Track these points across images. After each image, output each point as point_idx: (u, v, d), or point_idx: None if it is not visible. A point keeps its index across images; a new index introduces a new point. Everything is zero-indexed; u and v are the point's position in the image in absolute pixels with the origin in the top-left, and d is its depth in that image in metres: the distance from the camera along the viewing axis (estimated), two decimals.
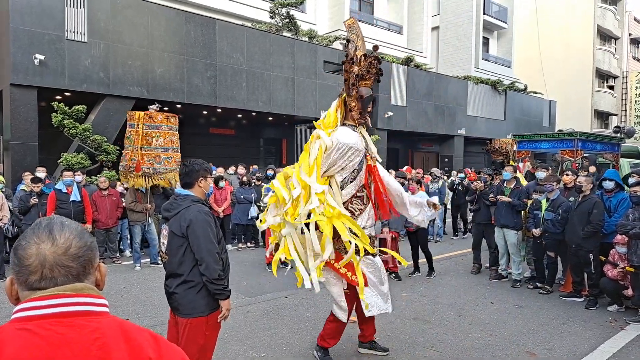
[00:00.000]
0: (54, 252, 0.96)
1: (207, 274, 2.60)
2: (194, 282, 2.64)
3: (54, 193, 6.57)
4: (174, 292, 2.68)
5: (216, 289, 2.64)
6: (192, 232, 2.60)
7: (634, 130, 17.42)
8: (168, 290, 2.74)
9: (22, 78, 9.24)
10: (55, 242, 0.97)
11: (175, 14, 11.62)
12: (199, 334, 2.66)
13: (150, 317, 4.99)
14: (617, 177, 5.91)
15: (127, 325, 0.97)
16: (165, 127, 7.14)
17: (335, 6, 20.23)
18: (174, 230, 2.66)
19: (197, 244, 2.60)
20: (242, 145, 16.59)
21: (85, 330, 0.91)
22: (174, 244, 2.66)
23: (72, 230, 1.00)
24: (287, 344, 4.24)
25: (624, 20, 33.63)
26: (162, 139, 7.08)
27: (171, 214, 2.71)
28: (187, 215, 2.63)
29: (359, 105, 3.72)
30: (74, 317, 0.92)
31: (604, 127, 32.72)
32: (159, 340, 0.99)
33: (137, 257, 7.22)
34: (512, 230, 6.41)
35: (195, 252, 2.62)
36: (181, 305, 2.67)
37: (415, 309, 5.35)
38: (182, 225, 2.62)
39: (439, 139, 20.86)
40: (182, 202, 2.72)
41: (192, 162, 2.83)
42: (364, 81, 3.71)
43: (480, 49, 25.78)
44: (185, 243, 2.63)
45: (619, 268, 5.27)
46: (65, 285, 0.95)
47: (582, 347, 4.31)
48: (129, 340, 0.94)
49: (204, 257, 2.61)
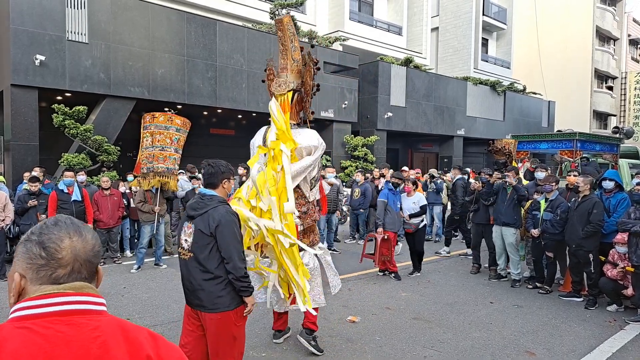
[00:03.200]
0: (84, 248, 0.99)
1: (233, 272, 2.72)
2: (221, 278, 2.73)
3: (55, 193, 6.58)
4: (200, 289, 2.74)
5: (241, 286, 2.76)
6: (220, 232, 2.70)
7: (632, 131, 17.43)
8: (191, 287, 2.78)
9: (23, 78, 9.25)
10: (84, 238, 0.99)
11: (175, 15, 11.64)
12: (230, 326, 2.77)
13: (150, 317, 5.01)
14: (617, 177, 5.93)
15: (126, 324, 0.98)
16: (171, 128, 7.15)
17: (335, 7, 20.27)
18: (201, 229, 2.72)
19: (225, 243, 2.71)
20: (242, 145, 16.59)
21: (86, 328, 0.91)
22: (201, 243, 2.73)
23: (89, 231, 1.03)
24: (287, 344, 4.25)
25: (623, 21, 33.69)
26: (160, 138, 7.11)
27: (198, 213, 2.77)
28: (215, 215, 2.72)
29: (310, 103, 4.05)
30: (74, 315, 0.92)
31: (602, 127, 32.77)
32: (157, 338, 1.00)
33: (141, 257, 7.17)
34: (512, 228, 6.42)
35: (222, 251, 2.72)
36: (207, 301, 2.73)
37: (415, 309, 5.37)
38: (211, 225, 2.70)
39: (438, 140, 20.89)
40: (209, 202, 2.79)
41: (217, 163, 2.90)
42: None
43: (479, 50, 25.83)
44: (213, 242, 2.72)
45: (618, 268, 5.29)
46: (65, 284, 0.95)
47: (582, 346, 4.33)
48: (128, 338, 0.94)
49: (231, 255, 2.71)
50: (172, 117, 7.24)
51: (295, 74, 4.00)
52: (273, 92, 3.98)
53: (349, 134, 16.02)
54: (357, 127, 16.76)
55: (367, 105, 16.79)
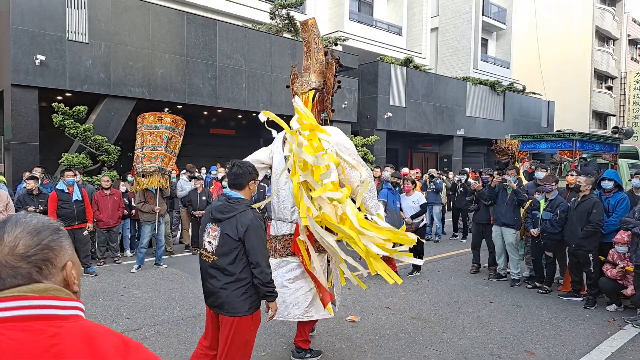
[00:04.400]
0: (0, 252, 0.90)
1: (261, 278, 2.74)
2: (244, 282, 2.76)
3: (55, 193, 6.59)
4: (222, 290, 2.76)
5: (267, 292, 2.78)
6: (249, 237, 2.71)
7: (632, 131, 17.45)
8: (212, 288, 2.81)
9: (23, 78, 9.25)
10: (2, 241, 0.90)
11: (176, 15, 11.64)
12: (246, 331, 2.81)
13: (150, 317, 5.02)
14: (616, 177, 5.95)
15: (95, 331, 0.89)
16: (161, 127, 7.17)
17: (335, 7, 20.28)
18: (229, 233, 2.73)
19: (253, 248, 2.72)
20: (242, 145, 16.61)
21: (42, 335, 0.83)
22: (228, 247, 2.74)
23: (25, 228, 0.92)
24: (287, 344, 4.26)
25: (622, 21, 33.71)
26: (151, 138, 7.14)
27: (225, 216, 2.78)
28: (244, 220, 2.73)
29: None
30: (33, 320, 0.85)
31: (602, 127, 32.79)
32: (129, 346, 0.90)
33: (141, 257, 7.17)
34: (512, 229, 6.44)
35: (250, 256, 2.73)
36: (227, 304, 2.76)
37: (414, 309, 5.38)
38: (240, 230, 2.71)
39: (438, 140, 20.90)
40: (237, 205, 2.79)
41: (244, 164, 2.92)
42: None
43: (479, 50, 25.84)
44: (240, 246, 2.73)
45: (618, 267, 5.31)
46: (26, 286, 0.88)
47: (581, 346, 4.34)
48: (92, 347, 0.85)
49: (259, 261, 2.73)
50: (162, 115, 7.24)
51: (318, 74, 4.12)
52: (296, 91, 4.08)
53: (349, 134, 16.03)
54: (356, 127, 16.76)
55: (367, 105, 16.80)
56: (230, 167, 2.93)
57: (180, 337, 4.42)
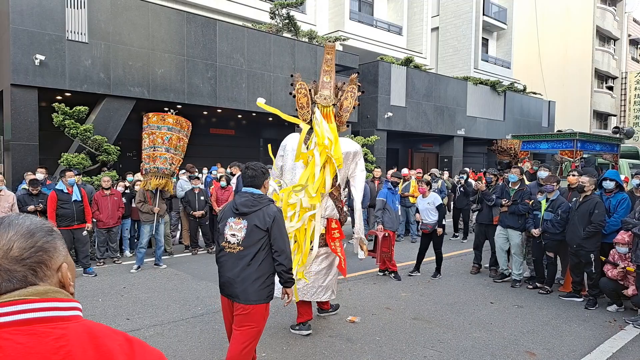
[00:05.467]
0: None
1: (285, 263, 3.06)
2: (263, 272, 3.05)
3: (55, 193, 6.58)
4: (242, 280, 3.01)
5: (288, 278, 3.11)
6: (275, 227, 3.04)
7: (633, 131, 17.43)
8: (231, 277, 3.05)
9: (23, 78, 9.24)
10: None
11: (175, 15, 11.63)
12: (259, 318, 3.08)
13: (150, 317, 5.01)
14: (617, 177, 5.93)
15: (97, 330, 0.89)
16: (163, 128, 7.15)
17: (335, 7, 20.26)
18: (257, 224, 3.04)
19: (278, 236, 3.04)
20: (242, 145, 16.61)
21: (48, 338, 0.83)
22: (255, 237, 3.04)
23: (19, 230, 0.91)
24: (287, 344, 4.25)
25: (623, 21, 33.68)
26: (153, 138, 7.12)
27: (252, 210, 3.08)
28: (270, 212, 3.07)
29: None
30: (37, 324, 0.84)
31: (603, 127, 32.77)
32: (133, 343, 0.91)
33: (141, 257, 7.15)
34: (517, 231, 6.42)
35: (275, 244, 3.05)
36: (246, 293, 3.02)
37: (415, 309, 5.36)
38: (267, 221, 3.03)
39: (438, 140, 20.88)
40: (261, 200, 3.13)
41: (257, 166, 3.23)
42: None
43: (479, 49, 25.81)
44: (266, 236, 3.04)
45: (619, 268, 5.29)
46: (25, 289, 0.88)
47: (582, 347, 4.33)
48: (97, 346, 0.86)
49: (284, 248, 3.06)
50: (165, 116, 7.22)
51: (334, 93, 4.83)
52: (318, 102, 4.71)
53: (349, 134, 16.01)
54: (357, 127, 16.75)
55: (367, 105, 16.78)
56: (245, 169, 3.24)
57: (179, 338, 4.41)
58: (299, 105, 4.86)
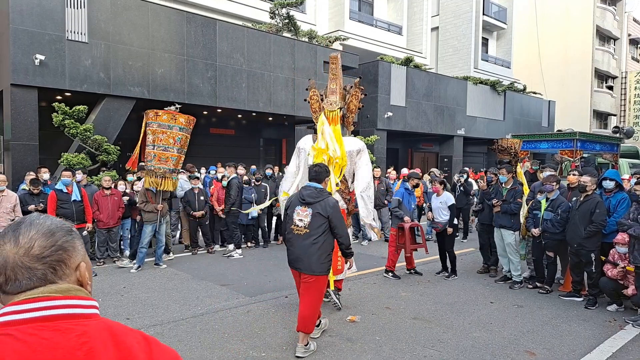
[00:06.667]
0: (15, 253, 0.90)
1: (345, 243, 3.98)
2: (323, 250, 3.86)
3: (54, 193, 6.58)
4: (306, 256, 3.83)
5: (349, 252, 4.06)
6: (334, 214, 3.86)
7: (633, 131, 17.45)
8: (299, 253, 3.87)
9: (23, 78, 9.24)
10: (17, 242, 0.91)
11: (175, 15, 11.62)
12: (321, 285, 3.97)
13: (150, 316, 5.01)
14: (617, 177, 5.93)
15: (116, 328, 0.92)
16: (174, 127, 7.10)
17: (335, 7, 20.25)
18: (320, 212, 3.84)
19: (338, 222, 3.88)
20: (242, 145, 16.61)
21: (72, 334, 0.86)
22: (318, 222, 3.85)
23: (40, 229, 0.93)
24: (287, 344, 4.25)
25: (623, 20, 33.67)
26: (163, 137, 7.05)
27: (316, 200, 3.89)
28: (330, 203, 3.90)
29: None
30: (60, 320, 0.87)
31: (603, 127, 32.76)
32: (151, 342, 0.94)
33: (142, 257, 7.13)
34: (509, 230, 6.42)
35: (335, 228, 3.87)
36: (311, 265, 3.83)
37: (415, 309, 5.36)
38: (328, 210, 3.84)
39: (438, 139, 20.87)
40: (322, 193, 3.96)
41: (321, 165, 4.18)
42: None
43: (479, 49, 25.80)
44: (326, 222, 3.86)
45: (619, 267, 5.29)
46: (49, 287, 0.90)
47: (582, 346, 4.33)
48: (118, 343, 0.89)
49: (344, 231, 3.93)
50: (176, 115, 7.13)
51: (341, 97, 5.48)
52: (325, 108, 5.35)
53: (349, 134, 15.99)
54: (357, 126, 16.75)
55: (367, 105, 16.75)
56: (312, 167, 4.15)
57: (180, 337, 4.41)
58: (312, 110, 5.59)
